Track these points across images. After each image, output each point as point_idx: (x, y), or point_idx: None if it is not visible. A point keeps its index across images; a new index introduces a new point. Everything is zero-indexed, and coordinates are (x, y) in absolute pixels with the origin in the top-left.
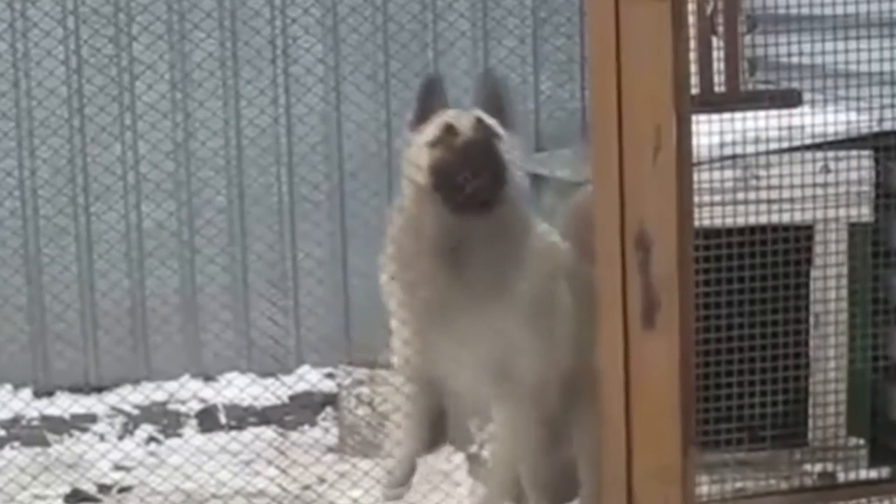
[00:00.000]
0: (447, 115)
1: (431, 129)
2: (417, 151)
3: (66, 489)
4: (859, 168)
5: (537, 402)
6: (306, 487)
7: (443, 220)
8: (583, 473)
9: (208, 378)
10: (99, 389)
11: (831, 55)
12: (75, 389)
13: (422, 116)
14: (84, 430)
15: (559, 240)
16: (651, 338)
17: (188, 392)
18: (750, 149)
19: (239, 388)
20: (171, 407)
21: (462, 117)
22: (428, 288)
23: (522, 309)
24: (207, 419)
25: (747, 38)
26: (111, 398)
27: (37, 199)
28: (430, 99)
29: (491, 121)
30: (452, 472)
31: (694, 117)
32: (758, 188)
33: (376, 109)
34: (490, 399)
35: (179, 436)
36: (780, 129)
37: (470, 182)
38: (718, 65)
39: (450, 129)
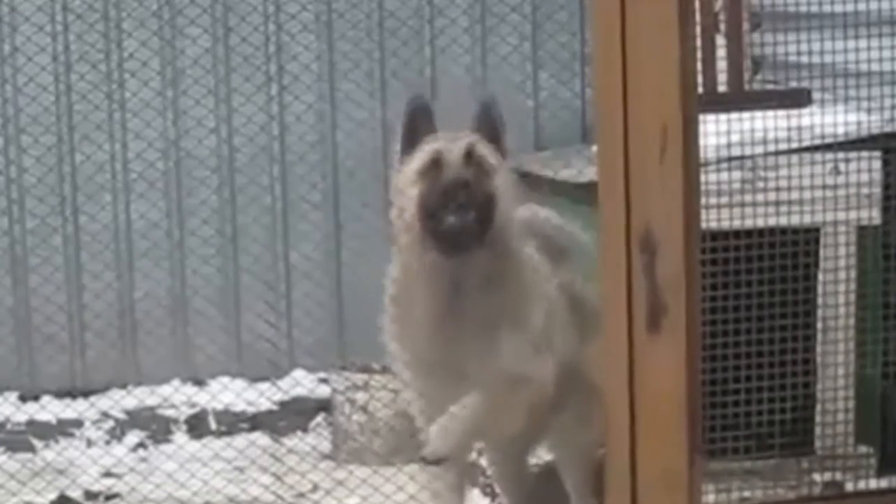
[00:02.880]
0: (438, 142)
1: (420, 158)
2: (406, 181)
3: (53, 496)
4: (869, 169)
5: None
6: (301, 495)
7: (434, 263)
8: (567, 479)
9: (198, 382)
10: (86, 394)
11: (840, 54)
12: (62, 394)
13: (410, 145)
14: (71, 435)
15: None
16: (657, 343)
17: (180, 396)
18: (757, 149)
19: (235, 394)
20: (160, 412)
21: (453, 146)
22: (426, 327)
23: (520, 347)
24: (197, 425)
25: (752, 37)
26: (99, 403)
27: (25, 198)
28: (417, 126)
29: (484, 148)
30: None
31: (700, 117)
32: (765, 190)
33: (374, 108)
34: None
35: (168, 441)
36: (787, 129)
37: (455, 222)
38: (721, 63)
39: (437, 161)
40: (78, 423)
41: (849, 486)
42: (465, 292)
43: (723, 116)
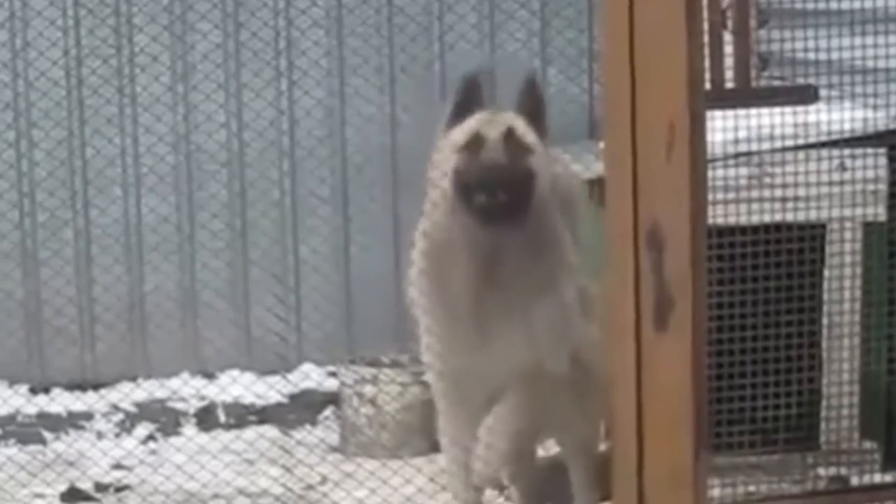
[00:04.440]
0: (480, 119)
1: (461, 133)
2: (445, 154)
3: (63, 488)
4: (875, 166)
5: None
6: (310, 487)
7: (469, 229)
8: (571, 472)
9: (207, 375)
10: (97, 386)
11: (847, 51)
12: (72, 386)
13: (458, 115)
14: (81, 427)
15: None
16: (664, 339)
17: (190, 389)
18: (763, 146)
19: (244, 387)
20: (170, 405)
21: (493, 125)
22: (460, 290)
23: (554, 315)
24: (207, 417)
25: (759, 33)
26: (109, 395)
27: (36, 192)
28: (469, 97)
29: (524, 129)
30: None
31: (707, 113)
32: (771, 186)
33: (383, 103)
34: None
35: (178, 434)
36: (794, 125)
37: (487, 202)
38: (728, 60)
39: (477, 139)
40: (88, 416)
41: (853, 481)
42: (502, 261)
43: (730, 113)
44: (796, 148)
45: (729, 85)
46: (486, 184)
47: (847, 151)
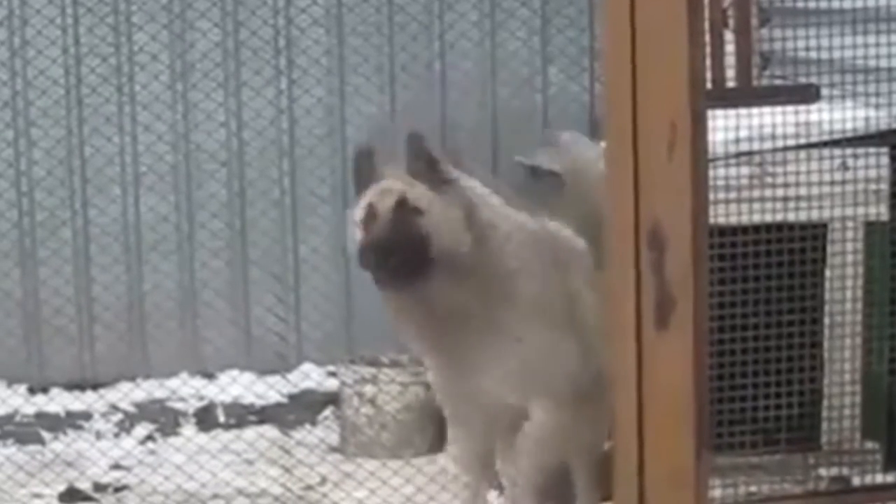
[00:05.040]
0: (374, 192)
1: (361, 206)
2: (353, 227)
3: (61, 488)
4: (877, 165)
5: (571, 403)
6: (309, 487)
7: (390, 295)
8: (578, 479)
9: (207, 375)
10: (95, 386)
11: (848, 50)
12: (71, 386)
13: (360, 189)
14: (79, 427)
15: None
16: (665, 339)
17: (189, 389)
18: (765, 145)
19: (243, 387)
20: (169, 405)
21: (385, 197)
22: (425, 344)
23: (522, 357)
24: (206, 417)
25: (760, 32)
26: (108, 395)
27: (35, 191)
28: (364, 171)
29: (416, 192)
30: (460, 474)
31: (708, 112)
32: (773, 185)
33: (383, 102)
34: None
35: (177, 434)
36: (795, 125)
37: (370, 273)
38: (730, 59)
39: (371, 213)
40: (87, 416)
41: (855, 481)
42: (443, 315)
43: (731, 112)
44: (798, 147)
45: (730, 84)
46: (371, 259)
47: (849, 151)
